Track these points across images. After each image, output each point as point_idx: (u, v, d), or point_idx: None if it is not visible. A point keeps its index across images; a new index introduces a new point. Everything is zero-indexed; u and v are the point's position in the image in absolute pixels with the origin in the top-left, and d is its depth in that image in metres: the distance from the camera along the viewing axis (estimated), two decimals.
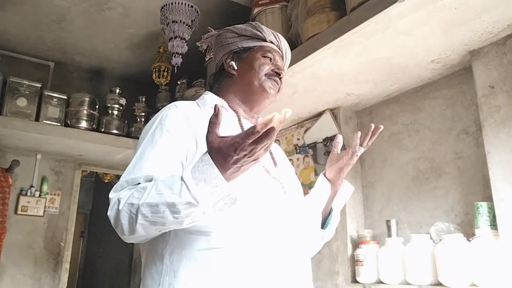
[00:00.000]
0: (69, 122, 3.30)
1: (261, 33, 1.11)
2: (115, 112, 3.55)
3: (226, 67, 1.11)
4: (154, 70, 3.08)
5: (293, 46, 2.07)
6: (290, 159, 2.59)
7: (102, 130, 3.43)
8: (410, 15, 1.54)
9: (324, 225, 1.17)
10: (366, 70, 2.00)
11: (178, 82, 3.40)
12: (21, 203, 3.32)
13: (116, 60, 3.61)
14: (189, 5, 2.55)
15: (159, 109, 3.45)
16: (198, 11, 2.62)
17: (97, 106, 3.47)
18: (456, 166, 1.93)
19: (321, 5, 1.99)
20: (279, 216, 0.94)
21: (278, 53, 1.13)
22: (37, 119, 3.15)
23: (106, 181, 4.45)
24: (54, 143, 3.29)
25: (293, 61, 1.93)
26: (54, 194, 3.51)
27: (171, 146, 0.91)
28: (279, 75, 1.09)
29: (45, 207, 3.42)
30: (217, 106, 0.71)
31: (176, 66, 2.61)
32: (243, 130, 1.03)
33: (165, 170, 0.85)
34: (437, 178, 2.00)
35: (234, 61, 1.10)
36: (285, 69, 1.16)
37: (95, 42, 3.30)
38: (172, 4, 2.53)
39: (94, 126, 3.40)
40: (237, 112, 1.08)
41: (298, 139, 2.67)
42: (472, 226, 1.74)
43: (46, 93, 3.26)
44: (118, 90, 3.61)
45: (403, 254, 1.87)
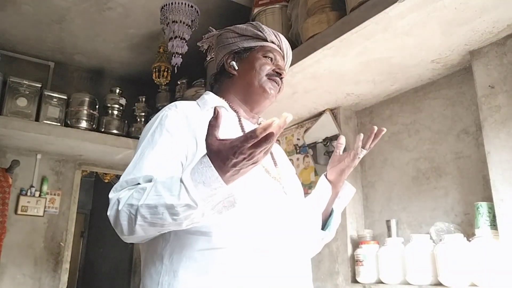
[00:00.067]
0: (69, 122, 3.30)
1: (262, 33, 1.10)
2: (115, 112, 3.55)
3: (227, 67, 1.11)
4: (154, 70, 3.08)
5: (293, 46, 2.06)
6: (290, 159, 2.59)
7: (102, 130, 3.43)
8: (410, 15, 1.54)
9: (324, 226, 1.16)
10: (366, 70, 2.00)
11: (178, 82, 3.40)
12: (21, 203, 3.32)
13: (116, 60, 3.61)
14: (189, 5, 2.55)
15: (159, 109, 3.45)
16: (198, 11, 2.62)
17: (97, 106, 3.47)
18: (456, 166, 1.93)
19: (321, 5, 1.99)
20: (279, 216, 0.94)
21: (279, 53, 1.13)
22: (37, 119, 3.15)
23: (106, 181, 4.45)
24: (54, 143, 3.29)
25: (293, 61, 1.93)
26: (54, 194, 3.51)
27: (171, 146, 0.91)
28: (280, 75, 1.09)
29: (45, 207, 3.42)
30: (216, 108, 0.70)
31: (176, 66, 2.61)
32: (243, 131, 1.04)
33: (164, 170, 0.85)
34: (437, 178, 2.00)
35: (235, 61, 1.10)
36: (286, 68, 1.16)
37: (95, 42, 3.30)
38: (172, 4, 2.53)
39: (94, 126, 3.41)
40: (237, 112, 1.08)
41: (298, 139, 2.67)
42: (472, 226, 1.74)
43: (46, 93, 3.26)
44: (118, 90, 3.61)
45: (403, 254, 1.87)
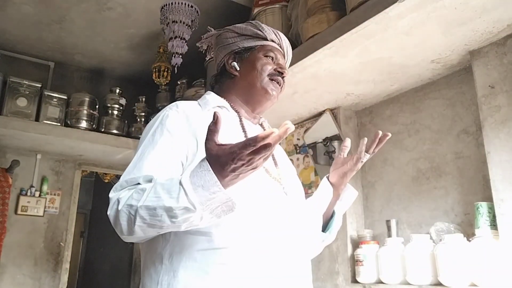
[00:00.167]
0: (69, 122, 3.31)
1: (262, 32, 1.10)
2: (115, 112, 3.56)
3: (228, 68, 1.10)
4: (154, 70, 3.08)
5: (293, 46, 2.05)
6: (290, 159, 2.57)
7: (102, 130, 3.44)
8: (410, 15, 1.53)
9: (325, 228, 1.16)
10: (366, 70, 2.00)
11: (178, 82, 3.40)
12: (21, 203, 3.32)
13: (116, 60, 3.61)
14: (189, 5, 2.55)
15: (159, 109, 3.46)
16: (198, 11, 2.61)
17: (97, 106, 3.47)
18: (456, 166, 1.93)
19: (321, 5, 1.99)
20: (279, 216, 0.94)
21: (279, 51, 1.12)
22: (37, 119, 3.16)
23: (106, 181, 4.45)
24: (54, 143, 3.29)
25: (293, 61, 1.93)
26: (54, 194, 3.51)
27: (172, 147, 0.91)
28: (282, 74, 1.09)
29: (45, 207, 3.42)
30: (215, 113, 0.70)
31: (176, 66, 2.61)
32: (244, 131, 1.04)
33: (165, 171, 0.85)
34: (437, 178, 2.00)
35: (236, 61, 1.09)
36: (286, 66, 1.15)
37: (95, 42, 3.30)
38: (172, 4, 2.53)
39: (94, 126, 3.41)
40: (238, 112, 1.07)
41: (298, 139, 2.67)
42: (472, 226, 1.74)
43: (46, 93, 3.26)
44: (118, 90, 3.61)
45: (403, 254, 1.87)
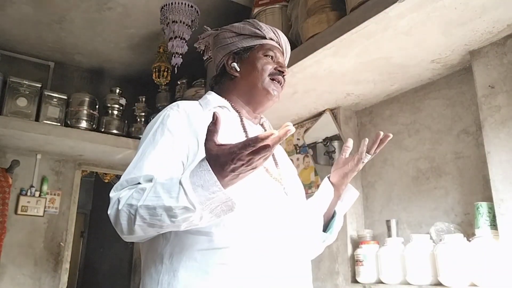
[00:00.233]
0: (69, 122, 3.31)
1: (260, 30, 1.09)
2: (115, 112, 3.56)
3: (228, 69, 1.09)
4: (154, 70, 3.08)
5: (293, 46, 2.06)
6: (290, 159, 2.59)
7: (102, 130, 3.44)
8: (410, 15, 1.53)
9: (326, 228, 1.16)
10: (366, 70, 2.00)
11: (178, 82, 3.40)
12: (21, 203, 3.32)
13: (116, 60, 3.61)
14: (189, 5, 2.55)
15: (159, 109, 3.46)
16: (198, 11, 2.61)
17: (97, 106, 3.47)
18: (456, 166, 1.93)
19: (321, 5, 1.99)
20: (279, 217, 0.94)
21: (278, 49, 1.12)
22: (37, 119, 3.16)
23: (106, 181, 4.45)
24: (54, 143, 3.29)
25: (293, 61, 1.93)
26: (54, 194, 3.51)
27: (172, 146, 0.91)
28: (282, 73, 1.09)
29: (45, 207, 3.42)
30: (215, 114, 0.70)
31: (176, 66, 2.61)
32: (245, 131, 1.04)
33: (165, 170, 0.85)
34: (437, 178, 2.00)
35: (236, 62, 1.09)
36: (285, 63, 1.15)
37: (95, 42, 3.30)
38: (172, 4, 2.53)
39: (94, 126, 3.41)
40: (239, 112, 1.07)
41: (298, 139, 2.67)
42: (472, 226, 1.74)
43: (46, 93, 3.26)
44: (118, 90, 3.61)
45: (403, 254, 1.87)
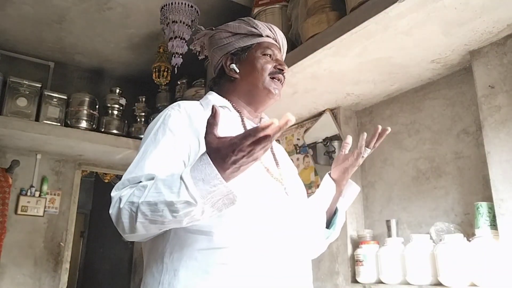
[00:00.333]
0: (69, 122, 3.30)
1: (256, 28, 1.08)
2: (115, 112, 3.56)
3: (228, 71, 1.09)
4: (154, 70, 3.08)
5: (293, 46, 2.07)
6: (290, 159, 2.59)
7: (102, 130, 3.43)
8: (410, 15, 1.53)
9: (329, 225, 1.17)
10: (366, 70, 2.00)
11: (178, 82, 3.41)
12: (21, 203, 3.32)
13: (116, 60, 3.61)
14: (189, 5, 2.55)
15: (159, 109, 3.47)
16: (198, 11, 2.61)
17: (97, 106, 3.47)
18: (456, 166, 1.93)
19: (321, 5, 1.99)
20: (280, 216, 0.94)
21: (275, 46, 1.11)
22: (37, 119, 3.15)
23: (106, 181, 4.45)
24: (54, 143, 3.29)
25: (293, 61, 1.93)
26: (54, 194, 3.51)
27: (174, 146, 0.91)
28: (282, 71, 1.08)
29: (45, 207, 3.42)
30: (214, 107, 0.71)
31: (176, 66, 2.61)
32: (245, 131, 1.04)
33: (166, 170, 0.85)
34: (437, 178, 2.00)
35: (234, 63, 1.08)
36: (283, 59, 1.15)
37: (95, 42, 3.30)
38: (172, 4, 2.53)
39: (94, 126, 3.41)
40: (240, 112, 1.07)
41: (298, 139, 2.67)
42: (472, 226, 1.74)
43: (46, 93, 3.26)
44: (118, 90, 3.61)
45: (403, 254, 1.87)
